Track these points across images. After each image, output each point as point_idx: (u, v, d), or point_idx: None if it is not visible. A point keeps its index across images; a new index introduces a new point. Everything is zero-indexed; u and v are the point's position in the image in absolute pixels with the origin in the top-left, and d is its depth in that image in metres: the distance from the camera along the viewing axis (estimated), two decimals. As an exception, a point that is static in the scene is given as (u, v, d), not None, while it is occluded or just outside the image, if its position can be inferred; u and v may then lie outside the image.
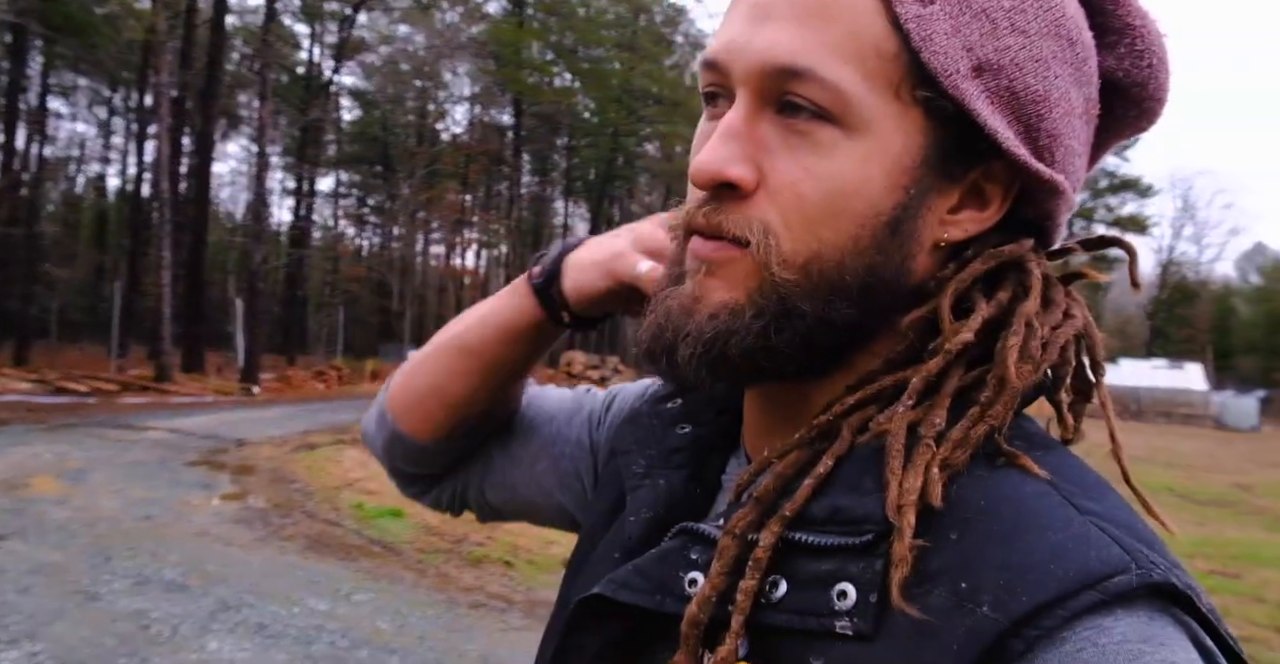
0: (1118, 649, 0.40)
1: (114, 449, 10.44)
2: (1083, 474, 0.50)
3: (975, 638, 0.41)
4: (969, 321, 0.50)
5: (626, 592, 0.52)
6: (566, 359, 34.40)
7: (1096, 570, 0.42)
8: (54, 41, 26.94)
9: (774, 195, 0.50)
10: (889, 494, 0.46)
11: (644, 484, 0.62)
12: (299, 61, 39.55)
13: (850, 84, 0.48)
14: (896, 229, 0.51)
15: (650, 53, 41.13)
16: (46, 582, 5.22)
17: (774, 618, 0.47)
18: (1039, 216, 0.55)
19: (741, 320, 0.51)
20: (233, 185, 45.45)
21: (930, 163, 0.51)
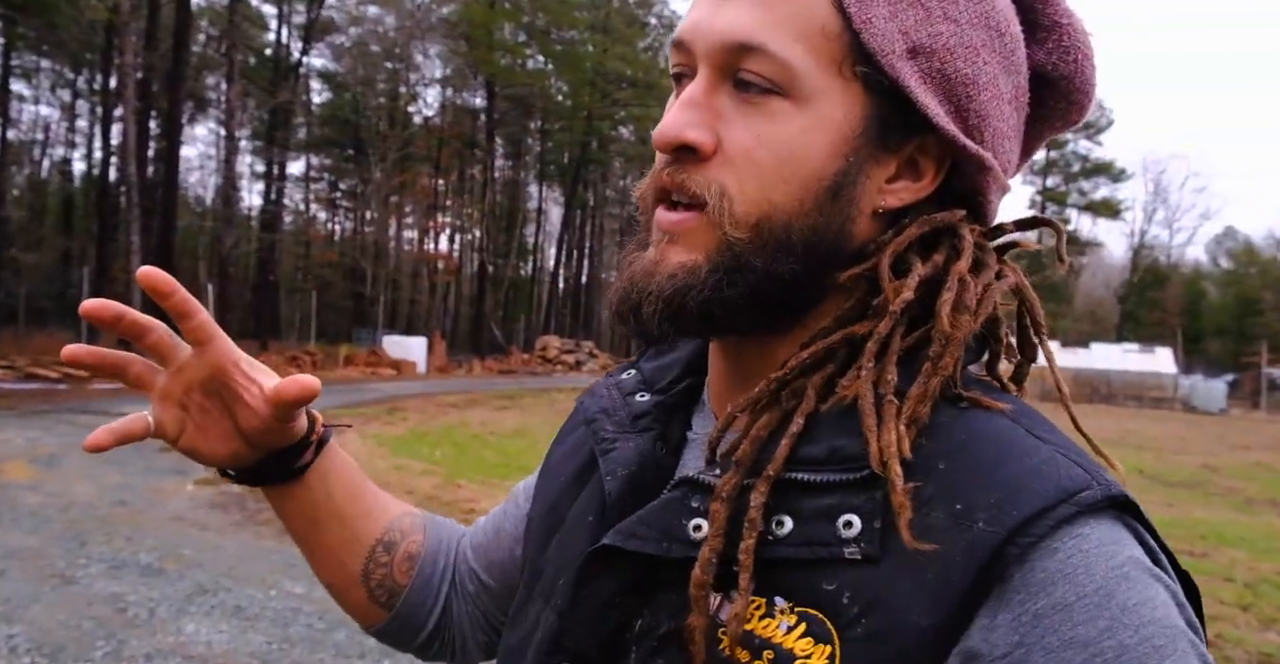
0: (1099, 551, 0.47)
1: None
2: (1033, 412, 0.57)
3: (975, 549, 0.47)
4: (907, 280, 0.55)
5: (635, 541, 0.56)
6: (542, 344, 34.40)
7: (1068, 487, 0.49)
8: (14, 22, 26.38)
9: (729, 160, 0.55)
10: (871, 451, 0.51)
11: (614, 447, 0.66)
12: (267, 43, 38.99)
13: (798, 59, 0.54)
14: (838, 193, 0.56)
15: (623, 35, 40.98)
16: (21, 566, 5.23)
17: (781, 552, 0.52)
18: (970, 191, 0.61)
19: (698, 276, 0.56)
20: (201, 170, 44.83)
21: (869, 134, 0.56)
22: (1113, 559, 0.47)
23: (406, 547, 0.85)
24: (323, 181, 46.65)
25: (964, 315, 0.54)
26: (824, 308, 0.59)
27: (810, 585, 0.51)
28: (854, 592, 0.49)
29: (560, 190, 47.49)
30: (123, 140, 21.86)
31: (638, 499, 0.61)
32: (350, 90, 39.37)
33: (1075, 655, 0.45)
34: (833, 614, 0.50)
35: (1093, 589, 0.46)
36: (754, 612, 0.52)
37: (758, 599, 0.52)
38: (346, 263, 37.87)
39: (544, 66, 42.62)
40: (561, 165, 46.73)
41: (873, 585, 0.49)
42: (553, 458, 0.78)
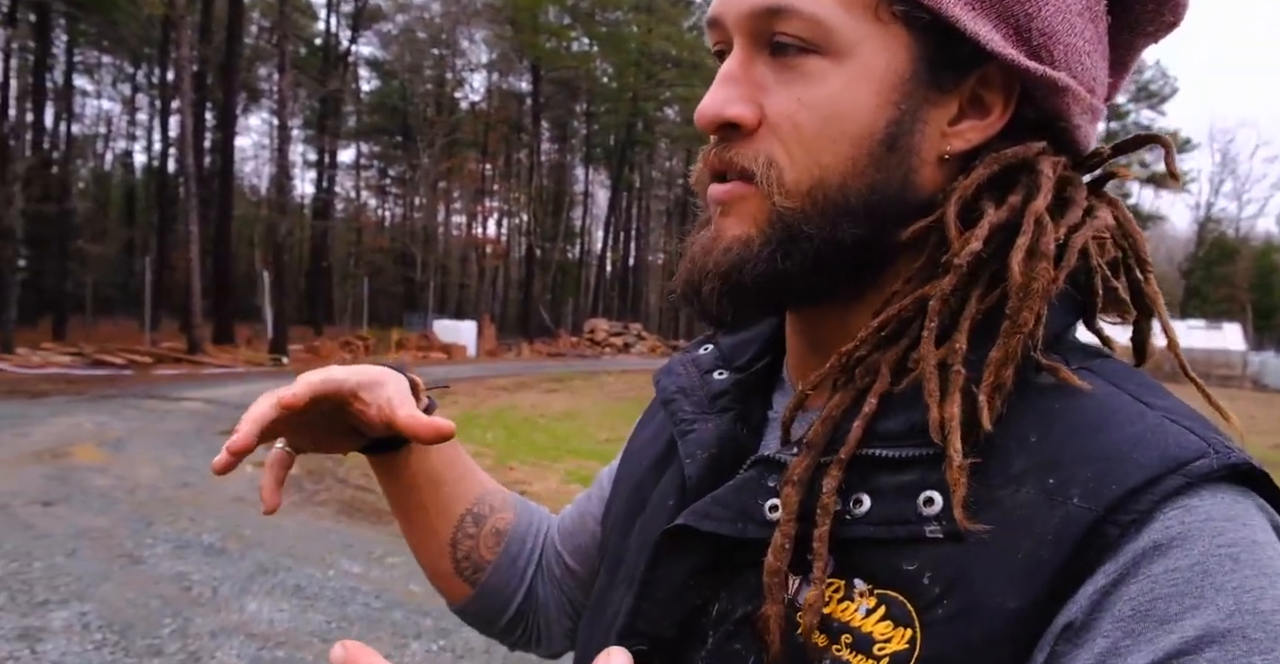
0: (1203, 526, 0.42)
1: (151, 419, 10.72)
2: (1140, 376, 0.53)
3: (1070, 526, 0.43)
4: (976, 230, 0.51)
5: (710, 521, 0.54)
6: (590, 327, 34.54)
7: (1178, 455, 0.44)
8: (77, 19, 27.08)
9: (774, 129, 0.53)
10: (931, 422, 0.48)
11: (694, 428, 0.63)
12: (316, 32, 39.50)
13: (828, 13, 0.51)
14: (893, 145, 0.52)
15: (668, 15, 40.65)
16: (92, 546, 5.44)
17: (860, 531, 0.49)
18: (1048, 117, 0.55)
19: (751, 249, 0.53)
20: (255, 159, 45.70)
21: (920, 77, 0.52)
22: (1220, 536, 0.42)
23: (494, 522, 0.85)
24: (372, 168, 47.29)
25: (1040, 263, 0.49)
26: (897, 269, 0.55)
27: (890, 566, 0.48)
28: (935, 571, 0.46)
29: (606, 173, 47.45)
30: (180, 132, 22.35)
31: (718, 481, 0.58)
32: (398, 77, 39.75)
33: (1148, 630, 0.41)
34: (913, 595, 0.47)
35: (1187, 564, 0.42)
36: (832, 595, 0.50)
37: (836, 581, 0.50)
38: (397, 248, 38.39)
39: (589, 48, 42.53)
40: (607, 147, 46.68)
41: (955, 565, 0.46)
42: (635, 441, 0.77)
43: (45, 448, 8.50)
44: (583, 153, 47.98)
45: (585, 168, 49.13)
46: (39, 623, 4.19)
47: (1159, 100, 53.10)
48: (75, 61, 33.78)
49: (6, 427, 9.65)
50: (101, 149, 41.93)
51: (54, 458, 8.08)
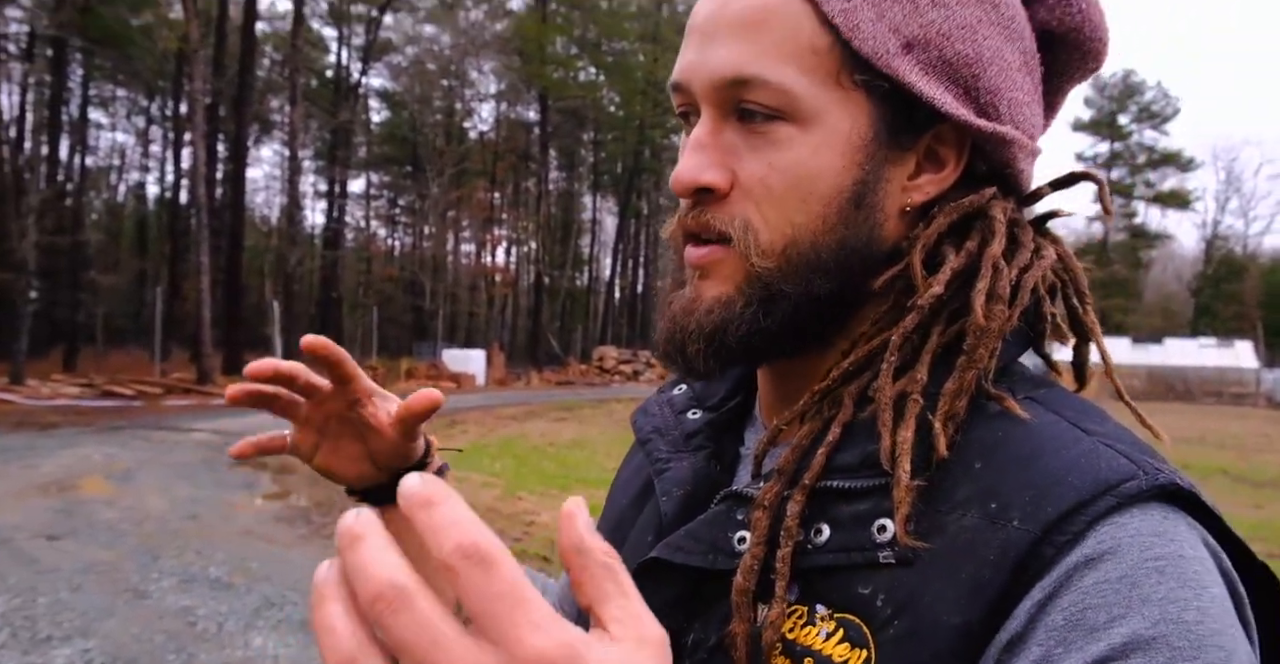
0: (1131, 541, 0.45)
1: (159, 450, 10.71)
2: (1081, 403, 0.55)
3: (1010, 548, 0.47)
4: (938, 275, 0.55)
5: (682, 554, 0.57)
6: (599, 354, 34.53)
7: (1109, 478, 0.47)
8: (93, 54, 27.50)
9: (747, 192, 0.56)
10: (882, 448, 0.51)
11: (669, 467, 0.66)
12: (328, 65, 40.02)
13: (793, 82, 0.54)
14: (860, 202, 0.56)
15: (674, 44, 40.63)
16: (97, 580, 5.39)
17: (821, 559, 0.52)
18: (998, 167, 0.59)
19: (734, 310, 0.56)
20: (266, 190, 46.08)
21: (880, 138, 0.56)
22: (1148, 550, 0.45)
23: None
24: (382, 198, 47.62)
25: (998, 305, 0.53)
26: (865, 314, 0.59)
27: (847, 591, 0.51)
28: (887, 594, 0.49)
29: (614, 200, 47.71)
30: (193, 164, 22.61)
31: (693, 517, 0.60)
32: (408, 108, 40.15)
33: (1078, 639, 0.44)
34: (867, 618, 0.50)
35: (1116, 576, 0.45)
36: (796, 621, 0.52)
37: (800, 608, 0.52)
38: (406, 278, 38.56)
39: (596, 78, 42.97)
40: (615, 175, 46.97)
41: (905, 587, 0.49)
42: (617, 480, 0.78)
43: (52, 480, 8.48)
44: (590, 181, 48.26)
45: (593, 195, 49.40)
46: (41, 660, 4.14)
47: (1161, 120, 53.28)
48: (90, 95, 34.24)
49: (14, 459, 9.64)
50: (115, 181, 42.36)
51: (61, 491, 8.06)
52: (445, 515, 0.30)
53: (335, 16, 37.28)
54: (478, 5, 38.77)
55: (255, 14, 25.00)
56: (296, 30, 24.70)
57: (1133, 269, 55.20)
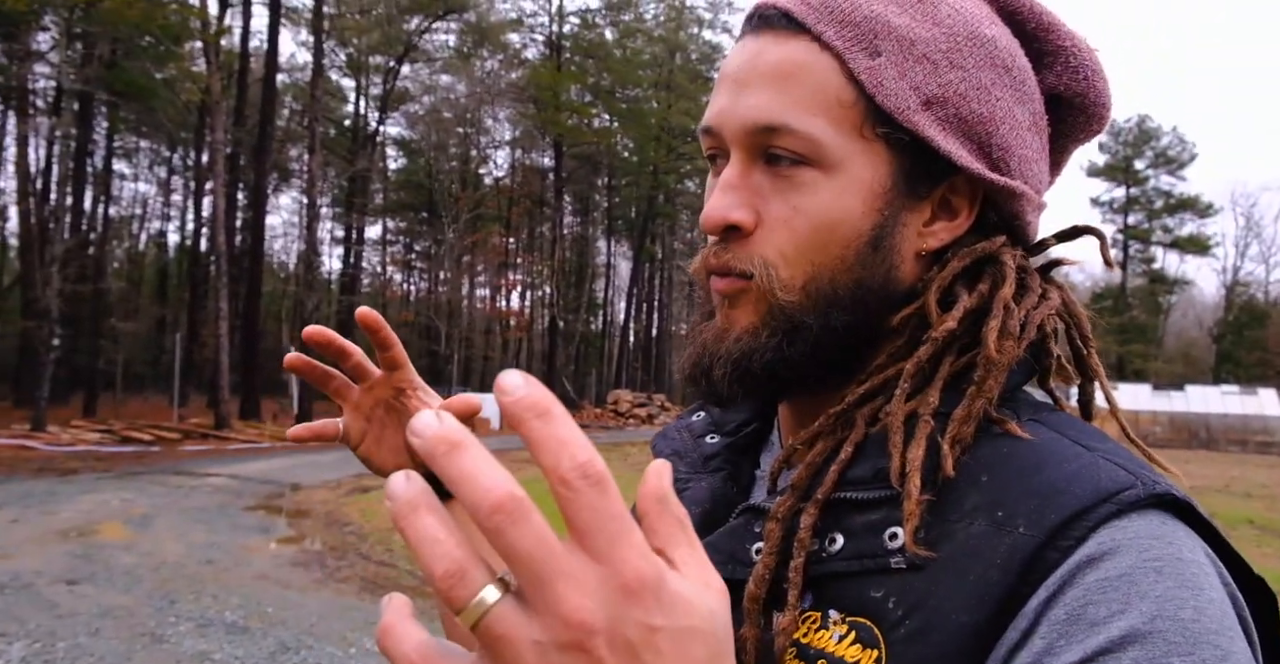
0: (1131, 542, 0.49)
1: (176, 495, 10.77)
2: (1081, 425, 0.60)
3: (1016, 552, 0.50)
4: (953, 312, 0.60)
5: None
6: (613, 398, 34.51)
7: (1109, 487, 0.51)
8: (117, 106, 28.19)
9: (770, 232, 0.60)
10: (892, 466, 0.55)
11: (689, 487, 0.70)
12: (346, 114, 40.80)
13: (820, 132, 0.58)
14: (877, 245, 0.61)
15: (687, 90, 41.71)
16: (115, 625, 5.42)
17: (834, 567, 0.56)
18: (1006, 218, 0.65)
19: (759, 339, 0.61)
20: (285, 237, 46.74)
21: (899, 187, 0.61)
22: (1147, 552, 0.49)
23: None
24: (398, 244, 48.13)
25: (1008, 341, 0.58)
26: (880, 348, 0.63)
27: (859, 595, 0.54)
28: (899, 597, 0.53)
29: (628, 244, 48.04)
30: (213, 212, 23.02)
31: (710, 533, 0.64)
32: (424, 155, 40.81)
33: (1079, 632, 0.47)
34: (879, 619, 0.53)
35: (1116, 574, 0.48)
36: (810, 626, 0.55)
37: (814, 614, 0.56)
38: (422, 322, 38.79)
39: (610, 124, 43.57)
40: (629, 220, 47.36)
41: (916, 590, 0.52)
42: None
43: (72, 526, 8.55)
44: (605, 225, 48.66)
45: (607, 240, 49.77)
46: (60, 704, 4.17)
47: (1177, 165, 53.09)
48: (114, 147, 35.01)
49: (35, 504, 9.72)
50: (136, 230, 43.12)
51: (80, 536, 8.12)
52: (561, 432, 0.31)
53: (353, 67, 38.13)
54: (493, 55, 39.58)
55: (276, 66, 25.64)
56: (316, 81, 25.28)
57: (1152, 315, 54.65)
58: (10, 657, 4.81)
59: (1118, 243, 53.65)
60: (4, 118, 29.16)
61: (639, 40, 42.85)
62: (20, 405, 23.60)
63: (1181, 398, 36.45)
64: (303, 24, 31.75)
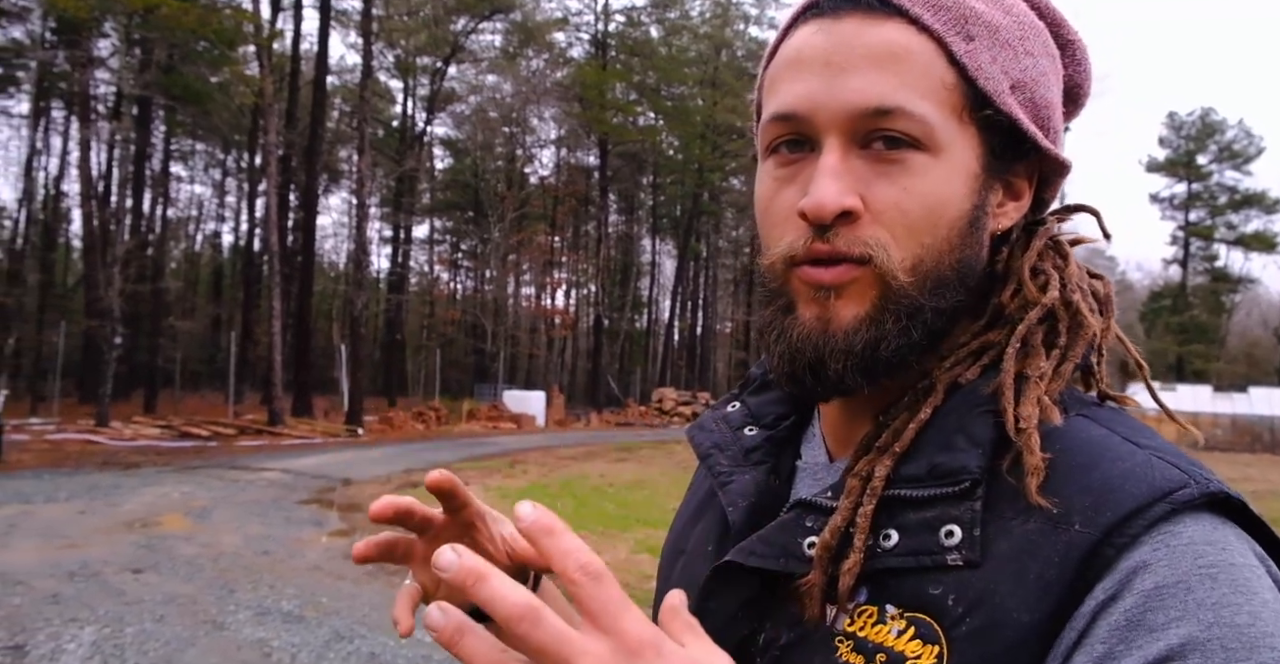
0: (1186, 549, 0.49)
1: (233, 489, 11.07)
2: (1131, 421, 0.61)
3: (1073, 550, 0.51)
4: (1050, 286, 0.63)
5: (755, 558, 0.61)
6: (658, 396, 34.54)
7: (1163, 486, 0.51)
8: (174, 110, 28.94)
9: (879, 216, 0.59)
10: (1006, 421, 0.56)
11: (732, 479, 0.70)
12: (394, 115, 41.42)
13: (932, 115, 0.59)
14: (975, 225, 0.63)
15: (732, 88, 41.55)
16: (179, 611, 5.63)
17: (890, 562, 0.56)
18: (1052, 196, 0.69)
19: (884, 327, 0.60)
20: (335, 237, 47.58)
21: (987, 169, 0.63)
22: (1202, 558, 0.49)
23: None
24: (445, 243, 48.73)
25: (1096, 316, 0.62)
26: (959, 328, 0.64)
27: (917, 591, 0.55)
28: (958, 594, 0.53)
29: (673, 243, 48.03)
30: (265, 213, 23.54)
31: (757, 525, 0.65)
32: (470, 155, 41.23)
33: (1139, 638, 0.47)
34: (939, 616, 0.53)
35: (1172, 581, 0.48)
36: (867, 620, 0.56)
37: (870, 608, 0.56)
38: (468, 321, 39.23)
39: (655, 122, 43.59)
40: (674, 218, 47.35)
41: (975, 587, 0.53)
42: (684, 501, 0.85)
43: (136, 517, 8.85)
44: (649, 224, 48.74)
45: (652, 238, 49.83)
46: (129, 686, 4.35)
47: (1243, 160, 51.20)
48: (171, 150, 35.98)
49: (100, 496, 10.07)
50: (193, 230, 44.24)
51: (144, 527, 8.40)
52: (565, 543, 0.43)
53: (401, 69, 38.67)
54: (539, 54, 39.84)
55: (326, 68, 26.09)
56: (365, 82, 25.67)
57: (1214, 314, 52.92)
58: (82, 641, 5.02)
59: (1178, 240, 52.20)
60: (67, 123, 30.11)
61: (685, 37, 42.75)
62: (85, 401, 24.40)
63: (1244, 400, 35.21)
64: (352, 26, 32.31)
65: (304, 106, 27.83)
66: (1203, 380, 41.77)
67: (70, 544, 7.51)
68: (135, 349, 27.55)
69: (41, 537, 7.80)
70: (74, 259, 37.06)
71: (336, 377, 26.62)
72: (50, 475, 11.91)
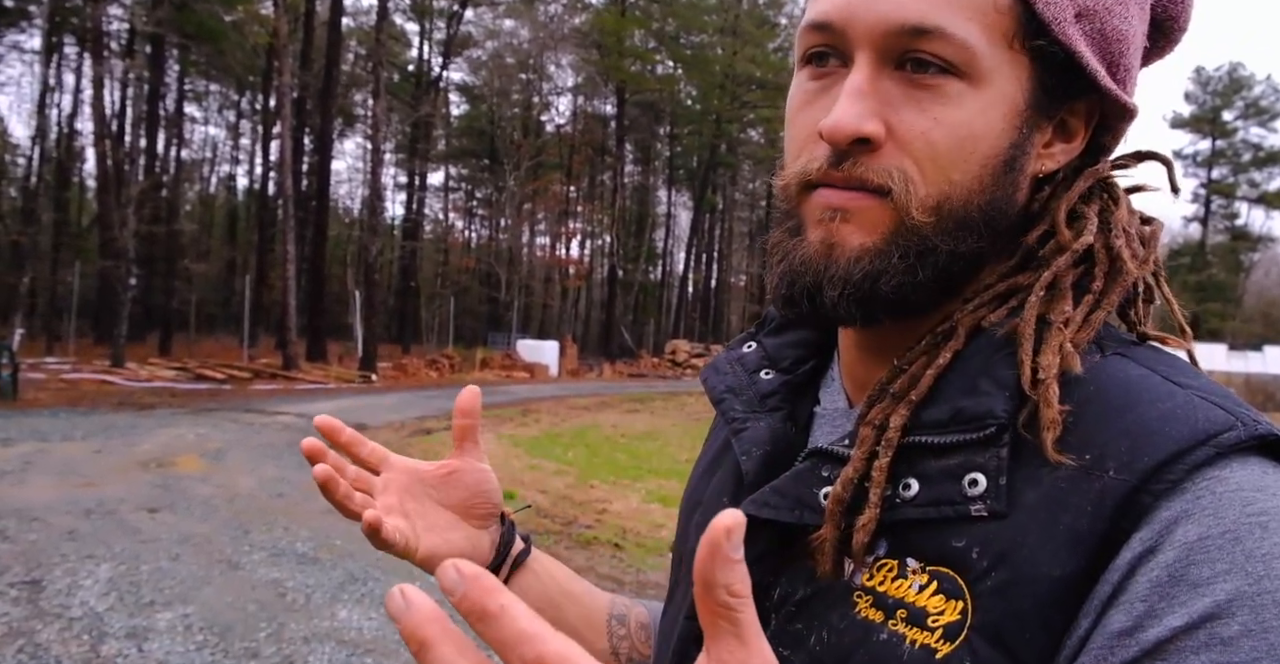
0: (1233, 496, 0.45)
1: (248, 432, 11.13)
2: (1172, 359, 0.56)
3: (1106, 498, 0.47)
4: (1086, 227, 0.57)
5: (769, 510, 0.57)
6: (671, 347, 34.57)
7: (1206, 428, 0.47)
8: (188, 49, 28.58)
9: (905, 146, 0.54)
10: (1023, 374, 0.51)
11: (747, 426, 0.66)
12: (410, 59, 40.86)
13: (975, 39, 0.53)
14: (1011, 166, 0.56)
15: (753, 37, 40.75)
16: (194, 551, 5.66)
17: (910, 513, 0.52)
18: (1114, 141, 0.62)
19: (889, 261, 0.55)
20: (349, 182, 47.36)
21: (1035, 105, 0.56)
22: (1251, 506, 0.45)
23: (636, 617, 0.87)
24: (460, 191, 48.49)
25: (1136, 261, 0.57)
26: (986, 269, 0.59)
27: (939, 544, 0.51)
28: (983, 547, 0.49)
29: (689, 194, 47.65)
30: (280, 156, 23.32)
31: (772, 475, 0.60)
32: (486, 102, 40.74)
33: (1182, 594, 0.44)
34: (962, 570, 0.50)
35: (1219, 532, 0.44)
36: (887, 575, 0.52)
37: (890, 562, 0.53)
38: (482, 269, 39.18)
39: (673, 71, 42.90)
40: (690, 169, 46.88)
41: (1001, 539, 0.49)
42: (701, 451, 0.80)
43: (152, 458, 8.90)
44: (666, 175, 48.28)
45: (668, 189, 49.41)
46: (146, 623, 4.38)
47: (1270, 117, 50.44)
48: (185, 90, 35.64)
49: (117, 436, 10.14)
50: (207, 173, 44.09)
51: (159, 467, 8.45)
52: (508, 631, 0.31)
53: (418, 11, 38.05)
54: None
55: (341, 9, 25.64)
56: (380, 25, 25.19)
57: (1232, 273, 52.50)
58: (99, 577, 5.05)
59: (1199, 198, 51.50)
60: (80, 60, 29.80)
61: (705, -17, 41.87)
62: (100, 342, 24.57)
63: (1259, 359, 35.04)
64: (368, -34, 31.68)
65: (319, 48, 27.44)
66: (1218, 339, 41.54)
67: (86, 482, 7.56)
68: (150, 290, 27.64)
69: (58, 474, 7.85)
70: (88, 199, 37.03)
71: (351, 322, 26.68)
72: (66, 414, 12.00)
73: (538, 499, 7.86)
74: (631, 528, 7.00)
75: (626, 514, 7.50)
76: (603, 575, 5.78)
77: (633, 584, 5.62)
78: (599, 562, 6.12)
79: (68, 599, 4.66)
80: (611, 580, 5.67)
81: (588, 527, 7.03)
